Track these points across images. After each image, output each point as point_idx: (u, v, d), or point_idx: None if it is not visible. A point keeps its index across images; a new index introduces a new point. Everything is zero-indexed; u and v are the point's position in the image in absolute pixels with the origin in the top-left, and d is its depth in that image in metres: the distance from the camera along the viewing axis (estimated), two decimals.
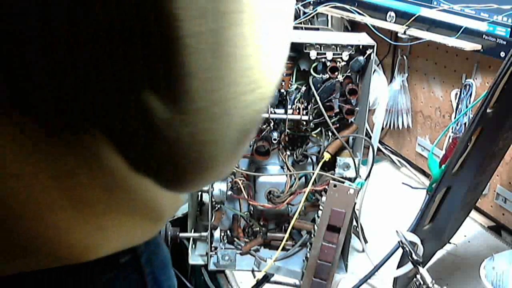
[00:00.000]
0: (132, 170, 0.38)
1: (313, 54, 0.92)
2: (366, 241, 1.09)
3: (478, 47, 1.02)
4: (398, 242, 0.79)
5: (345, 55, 0.92)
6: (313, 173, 0.96)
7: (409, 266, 0.80)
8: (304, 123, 0.97)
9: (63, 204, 0.42)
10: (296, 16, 1.44)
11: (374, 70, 1.04)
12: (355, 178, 0.95)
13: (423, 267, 0.79)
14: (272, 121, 0.98)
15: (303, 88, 0.97)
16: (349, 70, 0.94)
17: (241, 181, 1.00)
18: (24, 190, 0.39)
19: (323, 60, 0.93)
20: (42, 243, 0.42)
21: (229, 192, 0.99)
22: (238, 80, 0.33)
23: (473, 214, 1.17)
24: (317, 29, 1.51)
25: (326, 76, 0.94)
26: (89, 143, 0.42)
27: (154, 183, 0.39)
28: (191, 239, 1.08)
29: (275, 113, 0.97)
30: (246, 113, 0.35)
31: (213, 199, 0.99)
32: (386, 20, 1.24)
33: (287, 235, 0.98)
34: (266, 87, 0.36)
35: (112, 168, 0.44)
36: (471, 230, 1.13)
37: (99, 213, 0.44)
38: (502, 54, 0.98)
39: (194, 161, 0.35)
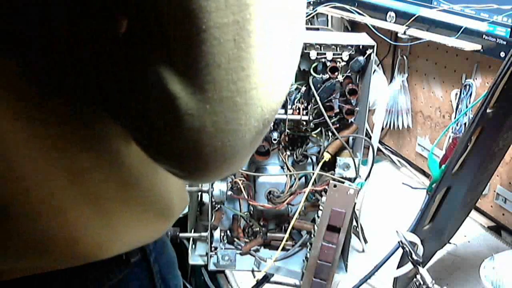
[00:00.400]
0: (155, 160, 0.39)
1: (313, 54, 0.92)
2: (366, 241, 1.09)
3: (478, 47, 1.02)
4: (398, 242, 0.79)
5: (345, 55, 0.92)
6: (313, 173, 0.96)
7: (409, 266, 0.80)
8: (304, 123, 0.97)
9: (78, 202, 0.42)
10: None
11: (374, 70, 1.04)
12: (355, 178, 0.95)
13: (423, 267, 0.79)
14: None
15: (303, 88, 0.97)
16: (349, 70, 0.94)
17: (241, 181, 1.00)
18: (40, 189, 0.39)
19: (323, 60, 0.93)
20: (56, 242, 0.42)
21: (229, 192, 0.99)
22: (259, 71, 0.34)
23: (473, 214, 1.17)
24: (317, 29, 1.51)
25: (326, 76, 0.94)
26: (105, 139, 0.42)
27: (176, 172, 0.39)
28: (191, 239, 1.08)
29: None
30: (266, 104, 0.36)
31: (213, 199, 0.99)
32: (386, 20, 1.24)
33: (287, 235, 0.98)
34: (285, 78, 0.37)
35: (127, 165, 0.44)
36: (471, 230, 1.13)
37: (113, 211, 0.45)
38: (502, 54, 0.98)
39: (217, 150, 0.36)
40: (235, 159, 0.38)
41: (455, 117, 1.18)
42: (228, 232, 1.06)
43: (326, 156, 0.95)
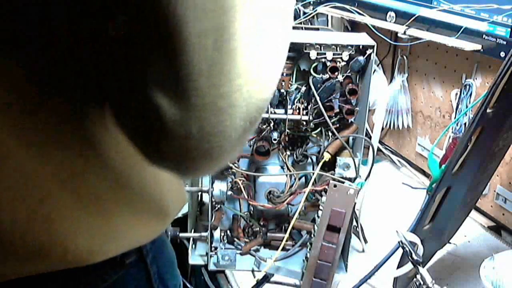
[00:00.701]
0: (151, 162, 0.39)
1: (313, 54, 0.92)
2: (366, 241, 1.09)
3: (478, 47, 1.02)
4: (398, 242, 0.79)
5: (345, 55, 0.92)
6: (313, 173, 0.96)
7: (409, 266, 0.80)
8: (304, 123, 0.97)
9: (73, 206, 0.42)
10: (296, 16, 1.44)
11: (374, 70, 1.04)
12: (355, 178, 0.95)
13: (423, 267, 0.79)
14: (272, 121, 0.98)
15: (303, 88, 0.97)
16: (349, 70, 0.94)
17: (241, 181, 1.00)
18: (35, 193, 0.39)
19: (323, 60, 0.93)
20: (51, 246, 0.42)
21: (229, 192, 0.99)
22: (241, 73, 0.34)
23: (473, 214, 1.17)
24: (317, 29, 1.51)
25: (326, 76, 0.94)
26: (102, 139, 0.42)
27: (170, 172, 0.40)
28: (191, 239, 1.08)
29: (275, 113, 0.97)
30: (250, 103, 0.36)
31: (213, 199, 0.99)
32: (386, 20, 1.24)
33: (287, 235, 0.98)
34: (269, 76, 0.37)
35: (119, 167, 0.44)
36: (471, 230, 1.13)
37: (108, 213, 0.45)
38: (502, 54, 0.98)
39: (204, 152, 0.36)
40: (224, 157, 0.39)
41: (455, 117, 1.18)
42: (228, 232, 1.06)
43: (326, 156, 0.95)
